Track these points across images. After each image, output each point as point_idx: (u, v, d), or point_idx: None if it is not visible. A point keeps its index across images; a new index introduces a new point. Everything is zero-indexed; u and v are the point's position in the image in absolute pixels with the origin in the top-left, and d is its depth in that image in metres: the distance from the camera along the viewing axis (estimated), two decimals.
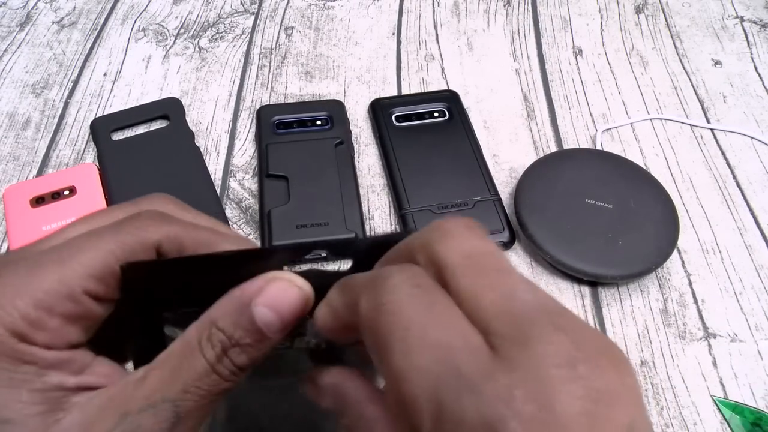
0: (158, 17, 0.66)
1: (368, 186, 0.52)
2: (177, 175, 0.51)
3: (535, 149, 0.55)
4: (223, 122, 0.56)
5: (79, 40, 0.64)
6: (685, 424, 0.40)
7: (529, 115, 0.58)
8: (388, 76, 0.61)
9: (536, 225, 0.46)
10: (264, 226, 0.47)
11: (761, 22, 0.67)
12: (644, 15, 0.68)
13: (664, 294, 0.46)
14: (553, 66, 0.62)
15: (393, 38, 0.65)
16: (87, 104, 0.58)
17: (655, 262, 0.44)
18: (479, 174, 0.51)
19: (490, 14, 0.67)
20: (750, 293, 0.46)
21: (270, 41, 0.64)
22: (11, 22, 0.66)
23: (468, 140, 0.53)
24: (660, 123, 0.57)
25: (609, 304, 0.45)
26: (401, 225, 0.48)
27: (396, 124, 0.55)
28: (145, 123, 0.55)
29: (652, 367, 0.42)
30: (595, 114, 0.58)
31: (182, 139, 0.53)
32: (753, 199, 0.52)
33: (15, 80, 0.60)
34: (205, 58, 0.62)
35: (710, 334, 0.44)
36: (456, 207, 0.48)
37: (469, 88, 0.60)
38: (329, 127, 0.54)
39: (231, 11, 0.67)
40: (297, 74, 0.61)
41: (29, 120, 0.56)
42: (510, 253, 0.48)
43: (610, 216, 0.46)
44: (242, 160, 0.53)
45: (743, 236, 0.49)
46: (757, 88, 0.60)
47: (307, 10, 0.67)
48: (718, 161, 0.54)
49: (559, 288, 0.46)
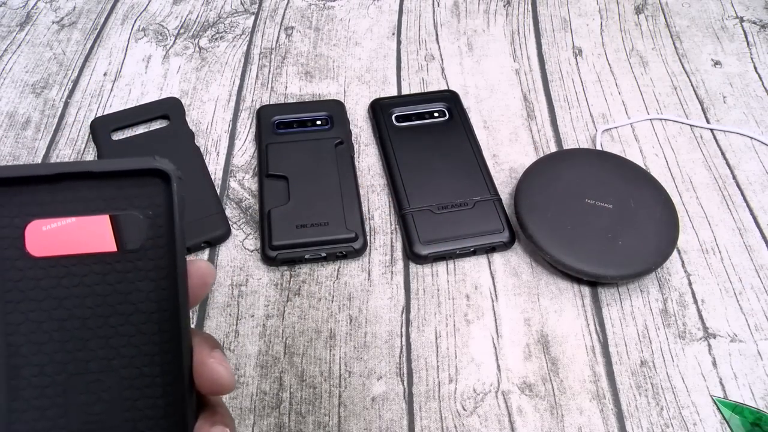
0: (158, 17, 0.66)
1: (368, 186, 0.52)
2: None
3: (535, 149, 0.55)
4: (223, 122, 0.56)
5: (79, 40, 0.64)
6: (685, 424, 0.40)
7: (529, 115, 0.58)
8: (388, 76, 0.61)
9: (536, 225, 0.46)
10: (264, 226, 0.47)
11: (761, 22, 0.67)
12: (644, 15, 0.68)
13: (664, 294, 0.46)
14: (553, 66, 0.62)
15: (393, 38, 0.65)
16: (87, 104, 0.58)
17: (654, 262, 0.44)
18: (479, 174, 0.51)
19: (490, 14, 0.67)
20: (750, 293, 0.46)
21: (270, 41, 0.64)
22: (11, 21, 0.66)
23: (468, 140, 0.53)
24: (660, 123, 0.57)
25: (609, 304, 0.45)
26: (401, 225, 0.48)
27: (396, 124, 0.55)
28: (145, 123, 0.55)
29: (652, 367, 0.42)
30: (595, 114, 0.58)
31: (182, 139, 0.53)
32: (753, 199, 0.52)
33: (15, 80, 0.60)
34: (205, 58, 0.62)
35: (710, 334, 0.44)
36: (456, 207, 0.48)
37: (469, 88, 0.60)
38: (329, 127, 0.54)
39: (231, 11, 0.67)
40: (297, 74, 0.61)
41: (29, 120, 0.56)
42: (510, 253, 0.48)
43: (610, 216, 0.46)
44: (242, 160, 0.54)
45: (743, 236, 0.49)
46: (756, 89, 0.60)
47: (307, 10, 0.67)
48: (718, 161, 0.54)
49: (559, 288, 0.46)
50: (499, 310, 0.45)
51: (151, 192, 0.21)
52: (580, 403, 0.41)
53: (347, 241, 0.46)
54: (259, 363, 0.42)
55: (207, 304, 0.45)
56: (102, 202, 0.21)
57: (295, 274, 0.47)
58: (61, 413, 0.21)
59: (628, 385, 0.42)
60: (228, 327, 0.44)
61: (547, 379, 0.42)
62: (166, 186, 0.22)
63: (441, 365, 0.42)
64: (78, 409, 0.21)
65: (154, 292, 0.21)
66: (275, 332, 0.44)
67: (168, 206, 0.22)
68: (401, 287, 0.46)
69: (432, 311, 0.45)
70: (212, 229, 0.47)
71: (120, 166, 0.21)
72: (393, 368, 0.42)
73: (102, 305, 0.21)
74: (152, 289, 0.22)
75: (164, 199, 0.22)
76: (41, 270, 0.21)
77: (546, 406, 0.41)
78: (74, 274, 0.21)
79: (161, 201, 0.22)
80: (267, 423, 0.40)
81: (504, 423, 0.40)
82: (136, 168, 0.21)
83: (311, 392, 0.41)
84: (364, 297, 0.46)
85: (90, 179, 0.21)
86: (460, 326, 0.44)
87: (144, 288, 0.21)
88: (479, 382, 0.42)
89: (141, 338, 0.21)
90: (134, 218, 0.21)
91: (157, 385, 0.21)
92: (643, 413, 0.40)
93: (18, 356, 0.21)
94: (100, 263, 0.21)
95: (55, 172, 0.21)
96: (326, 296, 0.46)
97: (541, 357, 0.43)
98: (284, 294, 0.46)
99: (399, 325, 0.44)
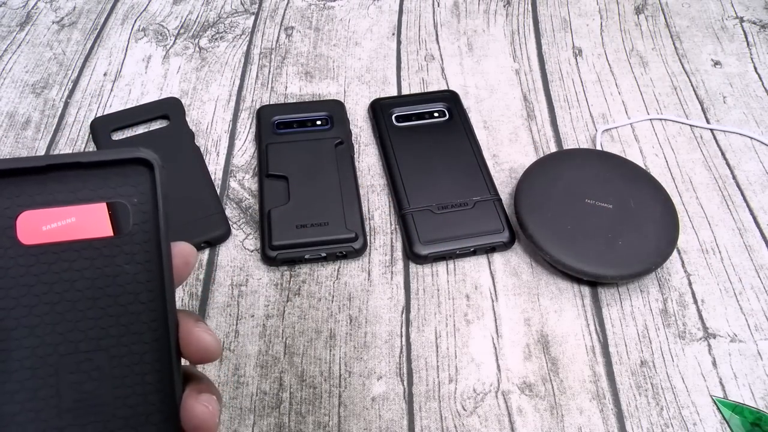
0: (158, 17, 0.66)
1: (368, 186, 0.52)
2: (177, 175, 0.51)
3: (535, 149, 0.55)
4: (223, 122, 0.56)
5: (79, 40, 0.64)
6: (685, 424, 0.40)
7: (529, 115, 0.58)
8: (388, 76, 0.61)
9: (536, 225, 0.46)
10: (264, 226, 0.47)
11: (761, 22, 0.67)
12: (644, 15, 0.68)
13: (664, 294, 0.46)
14: (553, 66, 0.62)
15: (393, 38, 0.65)
16: (87, 104, 0.58)
17: (654, 262, 0.44)
18: (479, 174, 0.51)
19: (490, 14, 0.67)
20: (750, 293, 0.46)
21: (270, 41, 0.64)
22: (11, 21, 0.66)
23: (468, 140, 0.53)
24: (660, 123, 0.57)
25: (609, 304, 0.45)
26: (401, 225, 0.48)
27: (396, 124, 0.55)
28: (145, 123, 0.55)
29: (652, 367, 0.42)
30: (595, 114, 0.58)
31: (182, 139, 0.53)
32: (752, 199, 0.52)
33: (15, 80, 0.60)
34: (205, 58, 0.62)
35: (710, 335, 0.44)
36: (456, 207, 0.48)
37: (469, 88, 0.60)
38: (329, 127, 0.54)
39: (231, 11, 0.67)
40: (297, 74, 0.61)
41: (29, 120, 0.56)
42: (510, 253, 0.48)
43: (610, 216, 0.46)
44: (242, 160, 0.54)
45: (743, 236, 0.49)
46: (756, 89, 0.60)
47: (307, 10, 0.67)
48: (718, 161, 0.54)
49: (559, 288, 0.46)
50: (499, 310, 0.45)
51: (137, 181, 0.23)
52: (580, 403, 0.41)
53: (347, 241, 0.46)
54: (259, 363, 0.42)
55: (207, 304, 0.45)
56: (90, 192, 0.22)
57: (295, 274, 0.47)
58: (53, 393, 0.22)
59: (628, 385, 0.42)
60: (228, 327, 0.44)
61: (547, 379, 0.42)
62: (150, 174, 0.23)
63: (441, 365, 0.42)
64: (69, 388, 0.22)
65: (140, 274, 0.23)
66: (275, 332, 0.44)
67: (152, 193, 0.23)
68: (401, 287, 0.46)
69: (432, 311, 0.45)
70: (212, 229, 0.48)
71: (106, 157, 0.22)
72: (393, 368, 0.42)
73: (91, 288, 0.22)
74: (139, 271, 0.23)
75: (149, 187, 0.23)
76: (32, 257, 0.22)
77: (546, 406, 0.41)
78: (64, 260, 0.22)
79: (146, 189, 0.23)
80: (267, 423, 0.40)
81: (504, 423, 0.40)
82: (122, 158, 0.23)
83: (311, 392, 0.41)
84: (364, 297, 0.46)
85: (78, 169, 0.22)
86: (460, 326, 0.44)
87: (131, 270, 0.23)
88: (479, 382, 0.42)
89: (129, 318, 0.23)
90: (121, 206, 0.23)
91: (145, 362, 0.22)
92: (643, 413, 0.40)
93: (10, 339, 0.22)
94: (88, 249, 0.22)
95: (45, 164, 0.22)
96: (326, 296, 0.46)
97: (541, 357, 0.43)
98: (284, 294, 0.46)
99: (399, 325, 0.44)
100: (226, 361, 0.42)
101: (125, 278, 0.23)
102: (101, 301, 0.22)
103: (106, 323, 0.22)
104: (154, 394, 0.22)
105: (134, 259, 0.23)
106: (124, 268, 0.23)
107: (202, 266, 0.47)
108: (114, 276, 0.22)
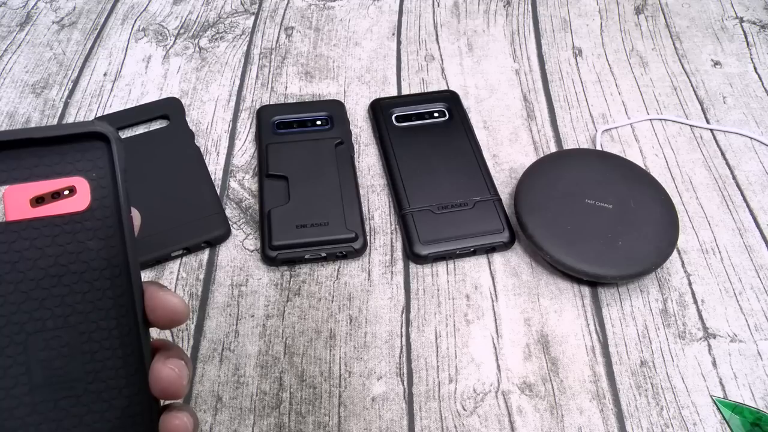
0: (158, 17, 0.66)
1: (368, 186, 0.52)
2: (177, 175, 0.51)
3: (535, 149, 0.55)
4: (223, 122, 0.56)
5: (79, 40, 0.64)
6: (685, 424, 0.40)
7: (529, 116, 0.58)
8: (388, 77, 0.61)
9: (536, 225, 0.46)
10: (264, 226, 0.47)
11: (761, 23, 0.67)
12: (644, 15, 0.68)
13: (664, 294, 0.46)
14: (553, 66, 0.62)
15: (393, 38, 0.65)
16: (87, 104, 0.58)
17: (654, 262, 0.44)
18: (479, 174, 0.51)
19: (490, 15, 0.67)
20: (750, 293, 0.46)
21: (270, 41, 0.64)
22: (11, 21, 0.66)
23: (468, 140, 0.53)
24: (660, 123, 0.57)
25: (609, 305, 0.45)
26: (401, 225, 0.48)
27: (396, 124, 0.55)
28: (145, 123, 0.55)
29: (652, 367, 0.42)
30: (595, 114, 0.58)
31: (182, 139, 0.53)
32: (752, 199, 0.52)
33: (15, 80, 0.60)
34: (205, 58, 0.62)
35: (710, 335, 0.44)
36: (456, 207, 0.48)
37: (469, 89, 0.60)
38: (329, 127, 0.54)
39: (231, 11, 0.67)
40: (297, 74, 0.61)
41: (29, 120, 0.56)
42: (510, 253, 0.48)
43: (610, 216, 0.46)
44: (242, 160, 0.54)
45: (743, 236, 0.49)
46: (756, 89, 0.60)
47: (307, 11, 0.67)
48: (718, 162, 0.54)
49: (559, 288, 0.46)
50: (499, 310, 0.45)
51: (94, 155, 0.23)
52: (580, 403, 0.41)
53: (347, 241, 0.46)
54: (259, 363, 0.42)
55: (207, 304, 0.45)
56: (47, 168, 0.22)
57: (295, 274, 0.47)
58: (23, 370, 0.22)
59: (628, 385, 0.42)
60: (228, 327, 0.44)
61: (547, 379, 0.42)
62: (107, 148, 0.23)
63: (441, 365, 0.42)
64: (39, 365, 0.22)
65: (103, 249, 0.23)
66: (275, 332, 0.44)
67: (110, 168, 0.23)
68: (401, 287, 0.46)
69: (432, 311, 0.45)
70: (212, 229, 0.48)
71: (61, 131, 0.22)
72: (393, 368, 0.42)
73: (54, 265, 0.22)
74: (102, 247, 0.23)
75: (107, 161, 0.23)
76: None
77: (546, 406, 0.41)
78: (24, 238, 0.22)
79: (104, 163, 0.23)
80: (267, 423, 0.40)
81: (504, 423, 0.40)
82: (76, 132, 0.22)
83: (311, 392, 0.41)
84: (364, 297, 0.46)
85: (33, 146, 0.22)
86: (460, 326, 0.44)
87: (94, 246, 0.23)
88: (479, 382, 0.42)
89: (95, 294, 0.23)
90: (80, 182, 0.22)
91: (114, 337, 0.23)
92: (643, 413, 0.40)
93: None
94: (48, 226, 0.22)
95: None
96: (326, 296, 0.46)
97: (541, 357, 0.43)
98: (284, 294, 0.46)
99: (399, 325, 0.44)
100: (226, 361, 0.42)
101: (88, 254, 0.22)
102: (66, 278, 0.22)
103: (72, 300, 0.22)
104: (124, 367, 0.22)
105: (96, 236, 0.22)
106: (87, 244, 0.22)
107: (202, 266, 0.47)
108: (77, 252, 0.22)
